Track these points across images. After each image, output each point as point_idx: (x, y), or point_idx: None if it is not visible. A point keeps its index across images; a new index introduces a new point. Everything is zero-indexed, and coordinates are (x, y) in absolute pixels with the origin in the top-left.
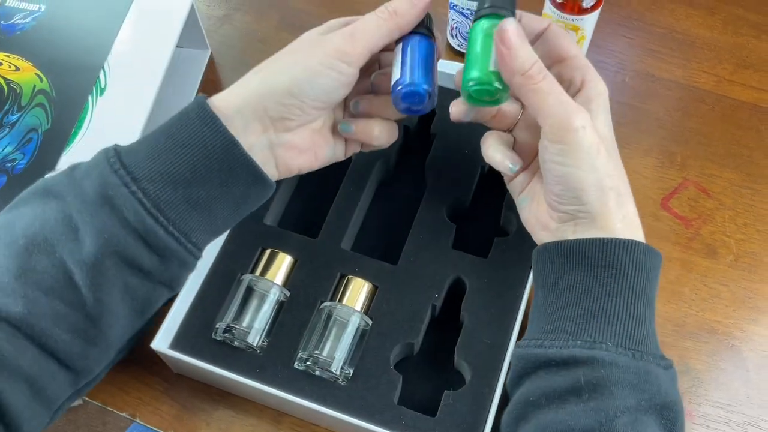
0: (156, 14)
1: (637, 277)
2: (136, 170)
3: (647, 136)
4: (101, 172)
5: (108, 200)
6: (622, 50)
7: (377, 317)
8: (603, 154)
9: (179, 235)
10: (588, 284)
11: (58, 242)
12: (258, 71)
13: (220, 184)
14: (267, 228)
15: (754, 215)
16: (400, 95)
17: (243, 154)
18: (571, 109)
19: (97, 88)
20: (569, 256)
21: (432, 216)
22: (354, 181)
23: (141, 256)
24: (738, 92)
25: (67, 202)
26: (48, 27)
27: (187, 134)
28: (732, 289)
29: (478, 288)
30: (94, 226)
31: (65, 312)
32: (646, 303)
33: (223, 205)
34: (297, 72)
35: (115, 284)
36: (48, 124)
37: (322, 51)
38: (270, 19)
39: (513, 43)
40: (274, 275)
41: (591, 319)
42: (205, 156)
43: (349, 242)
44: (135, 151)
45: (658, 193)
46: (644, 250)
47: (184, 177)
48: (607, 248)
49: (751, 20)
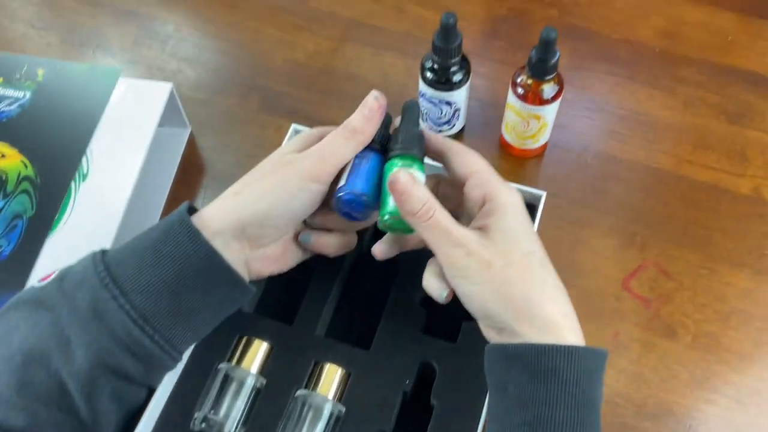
0: (137, 99)
1: (578, 382)
2: (125, 283)
3: (609, 217)
4: (92, 287)
5: (98, 314)
6: (585, 131)
7: (351, 404)
8: (497, 267)
9: (164, 343)
10: (531, 390)
11: (52, 356)
12: (237, 194)
13: (203, 293)
14: (244, 315)
15: (712, 295)
16: (341, 201)
17: (224, 264)
18: (451, 241)
19: (79, 173)
20: (514, 360)
21: (403, 301)
22: (328, 268)
23: (127, 365)
24: (697, 173)
25: (60, 316)
26: (33, 114)
27: (172, 247)
28: (690, 369)
29: (448, 373)
30: (85, 339)
31: (63, 420)
32: (589, 407)
33: (206, 312)
34: (275, 197)
35: (105, 391)
36: (33, 210)
37: (297, 175)
38: (251, 101)
39: (403, 190)
40: (250, 363)
41: (536, 427)
42: (189, 267)
43: (324, 327)
44: (124, 264)
45: (620, 274)
46: (584, 354)
47: (169, 288)
48: (547, 354)
49: (710, 101)
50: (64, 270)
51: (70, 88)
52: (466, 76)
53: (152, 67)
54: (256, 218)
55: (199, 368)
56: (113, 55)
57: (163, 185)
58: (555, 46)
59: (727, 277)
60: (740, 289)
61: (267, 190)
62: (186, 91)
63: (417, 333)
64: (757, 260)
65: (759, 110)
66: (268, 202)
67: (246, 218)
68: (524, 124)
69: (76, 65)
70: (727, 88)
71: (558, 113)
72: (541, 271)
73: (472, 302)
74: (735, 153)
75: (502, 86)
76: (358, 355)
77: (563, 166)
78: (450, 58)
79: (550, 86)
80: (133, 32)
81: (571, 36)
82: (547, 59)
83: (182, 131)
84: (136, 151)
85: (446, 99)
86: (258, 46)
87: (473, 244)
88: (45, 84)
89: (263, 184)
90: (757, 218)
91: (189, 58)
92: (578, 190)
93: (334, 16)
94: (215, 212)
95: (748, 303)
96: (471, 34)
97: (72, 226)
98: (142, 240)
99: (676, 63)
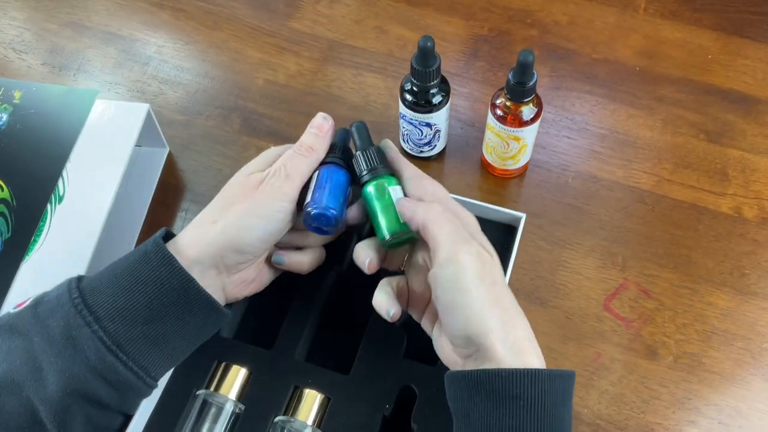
0: (114, 120)
1: (544, 405)
2: (98, 310)
3: (589, 237)
4: (65, 314)
5: (71, 341)
6: (565, 151)
7: (330, 429)
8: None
9: (138, 370)
10: (497, 417)
11: (23, 382)
12: (215, 223)
13: (177, 318)
14: (223, 340)
15: (692, 315)
16: (310, 216)
17: (199, 290)
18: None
19: (55, 196)
20: (477, 386)
21: (383, 324)
22: (308, 291)
23: (100, 392)
24: (677, 192)
25: (33, 342)
26: (9, 136)
27: (146, 273)
28: (672, 390)
29: (428, 397)
30: (57, 366)
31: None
32: (556, 429)
33: (181, 338)
34: (252, 222)
35: (78, 418)
36: (9, 233)
37: (269, 196)
38: (232, 123)
39: (406, 208)
40: (228, 389)
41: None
42: (163, 293)
43: (303, 352)
44: (98, 291)
45: (601, 294)
46: (548, 377)
47: (142, 314)
48: (511, 379)
49: (690, 120)
50: (39, 296)
51: (46, 110)
52: (446, 98)
53: (133, 90)
54: (235, 245)
55: (177, 394)
56: (94, 77)
57: (142, 206)
58: (533, 69)
59: (708, 296)
60: (721, 309)
61: (242, 215)
62: (167, 113)
63: (397, 357)
64: (738, 280)
65: (739, 129)
66: (246, 228)
67: (225, 247)
68: (504, 145)
69: (53, 87)
70: (707, 106)
71: (538, 133)
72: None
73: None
74: (715, 172)
75: (483, 106)
76: (337, 379)
77: (544, 186)
78: (428, 81)
79: (528, 108)
80: (114, 54)
81: (551, 56)
82: (525, 82)
83: (160, 151)
84: (113, 172)
85: (426, 121)
86: (239, 68)
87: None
88: (22, 106)
89: (238, 209)
90: (738, 237)
91: (170, 80)
92: (559, 210)
93: (316, 37)
94: (192, 240)
95: (729, 323)
96: (452, 54)
97: (48, 248)
98: (118, 266)
99: (656, 82)
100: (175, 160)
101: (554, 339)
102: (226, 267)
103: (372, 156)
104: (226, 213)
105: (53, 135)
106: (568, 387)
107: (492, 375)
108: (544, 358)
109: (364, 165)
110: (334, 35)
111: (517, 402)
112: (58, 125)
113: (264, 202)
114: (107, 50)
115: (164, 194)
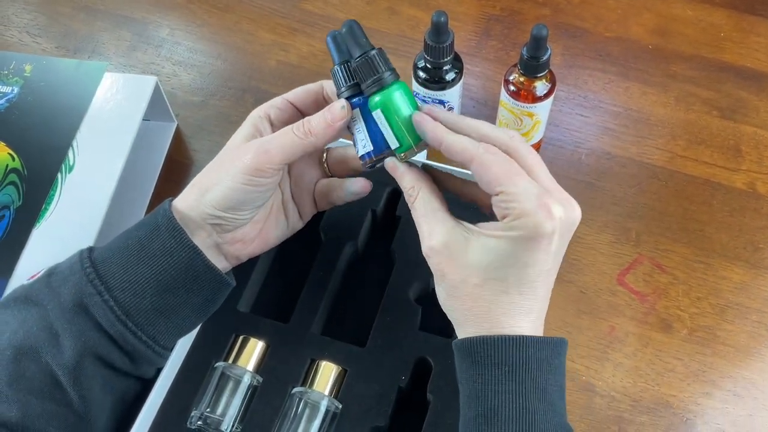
0: (122, 93)
1: (530, 371)
2: (110, 280)
3: (603, 213)
4: (77, 282)
5: (84, 308)
6: (579, 129)
7: (347, 401)
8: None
9: (147, 339)
10: (482, 382)
11: (42, 349)
12: (192, 185)
13: (186, 290)
14: (240, 314)
15: (707, 289)
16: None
17: (205, 262)
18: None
19: (66, 165)
20: (466, 353)
21: (399, 298)
22: (324, 265)
23: (114, 357)
24: (691, 167)
25: (47, 310)
26: (21, 108)
27: (157, 245)
28: (686, 363)
29: (443, 369)
30: (72, 331)
31: (56, 411)
32: (542, 397)
33: (189, 309)
34: (219, 191)
35: (95, 381)
36: (20, 201)
37: (238, 168)
38: (245, 103)
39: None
40: (246, 362)
41: (490, 418)
42: (172, 266)
43: (320, 325)
44: (109, 261)
45: (614, 269)
46: (533, 343)
47: (152, 286)
48: (495, 346)
49: (703, 97)
50: (52, 267)
51: (57, 83)
52: (459, 75)
53: (147, 72)
54: (208, 208)
55: (196, 366)
56: (108, 60)
57: (149, 178)
58: (546, 43)
59: (721, 270)
60: (735, 283)
61: (213, 181)
62: (181, 94)
63: (413, 329)
64: (752, 254)
65: (752, 105)
66: (214, 194)
67: (200, 207)
68: (517, 122)
69: (63, 61)
70: (719, 84)
71: (551, 111)
72: (500, 297)
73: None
74: (729, 148)
75: (496, 85)
76: (354, 352)
77: (557, 163)
78: (442, 57)
79: (542, 83)
80: (127, 37)
81: (564, 34)
82: (539, 56)
83: (168, 125)
84: (122, 143)
85: (439, 98)
86: (252, 49)
87: (436, 254)
88: (32, 79)
89: (211, 176)
90: (752, 212)
91: (183, 62)
92: (572, 186)
93: (328, 18)
94: (181, 202)
95: (743, 296)
96: (464, 34)
97: (58, 216)
98: (128, 237)
99: (669, 59)
100: (188, 140)
101: (568, 313)
102: (212, 227)
103: (373, 60)
104: (202, 178)
105: (63, 107)
106: (556, 353)
107: (476, 342)
108: (559, 332)
109: (366, 74)
110: (346, 16)
111: (501, 368)
112: (68, 97)
113: (233, 175)
114: (121, 33)
115: (172, 172)
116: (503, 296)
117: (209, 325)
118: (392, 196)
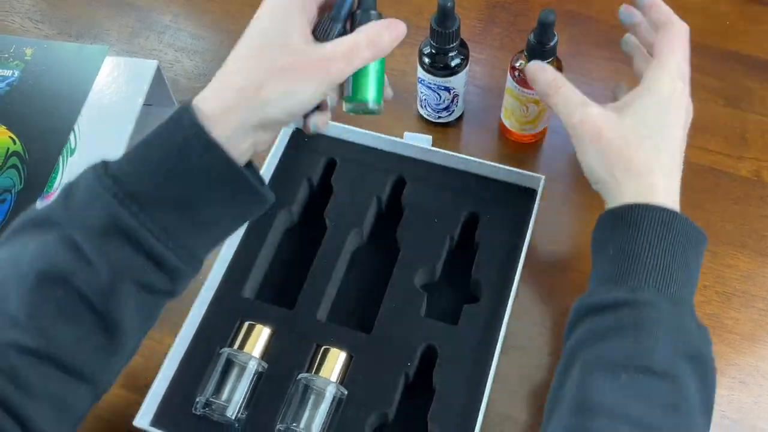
0: (123, 76)
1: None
2: (143, 200)
3: None
4: (106, 204)
5: (118, 231)
6: None
7: (352, 387)
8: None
9: (186, 257)
10: (631, 242)
11: (71, 273)
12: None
13: (222, 205)
14: (245, 300)
15: (712, 277)
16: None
17: (244, 177)
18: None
19: (67, 149)
20: (616, 220)
21: (404, 285)
22: (329, 252)
23: (153, 277)
24: (696, 155)
25: (71, 233)
26: (21, 92)
27: (190, 162)
28: None
29: (449, 355)
30: (105, 255)
31: (86, 335)
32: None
33: (226, 222)
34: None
35: (129, 304)
36: (21, 184)
37: (317, 80)
38: None
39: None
40: (252, 348)
41: (635, 268)
42: (209, 182)
43: (325, 312)
44: (138, 180)
45: None
46: (684, 220)
47: (189, 202)
48: (646, 212)
49: (708, 85)
50: (66, 187)
51: (57, 66)
52: (465, 61)
53: (149, 58)
54: (269, 121)
55: (201, 352)
56: (111, 46)
57: None
58: (553, 29)
59: (727, 259)
60: (741, 271)
61: (281, 93)
62: (184, 81)
63: (418, 316)
64: (758, 242)
65: (758, 94)
66: (286, 106)
67: (257, 121)
68: (523, 109)
69: (64, 45)
70: (725, 72)
71: None
72: (653, 151)
73: (582, 164)
74: (734, 136)
75: (501, 72)
76: (359, 338)
77: (563, 151)
78: (448, 43)
79: None
80: (130, 23)
81: (570, 22)
82: (546, 42)
83: (170, 110)
84: (123, 126)
85: (444, 84)
86: None
87: (589, 116)
88: (33, 63)
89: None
90: (757, 200)
91: (186, 49)
92: (578, 174)
93: None
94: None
95: (749, 284)
96: (469, 21)
97: None
98: (153, 152)
99: None
100: None
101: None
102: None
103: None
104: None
105: (64, 90)
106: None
107: (634, 208)
108: (558, 321)
109: None
110: None
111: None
112: (69, 81)
113: (309, 83)
114: (123, 19)
115: None
116: (654, 153)
117: (213, 311)
118: (397, 184)
